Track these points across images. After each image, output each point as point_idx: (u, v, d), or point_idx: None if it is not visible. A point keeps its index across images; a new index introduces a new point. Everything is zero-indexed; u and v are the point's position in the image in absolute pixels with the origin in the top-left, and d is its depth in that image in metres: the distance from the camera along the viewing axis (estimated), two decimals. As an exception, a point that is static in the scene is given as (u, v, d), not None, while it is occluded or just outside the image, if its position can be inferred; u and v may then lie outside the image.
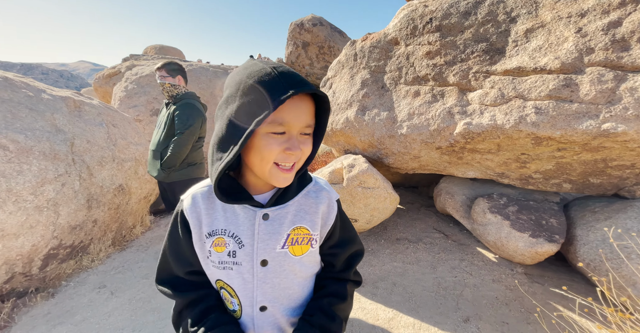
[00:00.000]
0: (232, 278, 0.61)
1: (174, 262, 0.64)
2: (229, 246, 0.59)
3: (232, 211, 0.60)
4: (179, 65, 2.24)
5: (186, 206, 0.61)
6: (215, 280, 0.64)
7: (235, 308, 0.63)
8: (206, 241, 0.60)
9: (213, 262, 0.61)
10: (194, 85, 5.88)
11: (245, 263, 0.60)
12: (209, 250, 0.60)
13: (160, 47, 14.59)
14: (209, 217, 0.60)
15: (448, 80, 2.33)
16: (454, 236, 2.74)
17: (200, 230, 0.60)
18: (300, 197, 0.64)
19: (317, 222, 0.64)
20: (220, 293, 0.65)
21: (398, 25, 2.76)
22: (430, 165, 2.71)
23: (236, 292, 0.61)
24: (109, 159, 2.58)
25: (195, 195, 0.62)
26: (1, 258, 1.78)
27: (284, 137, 0.51)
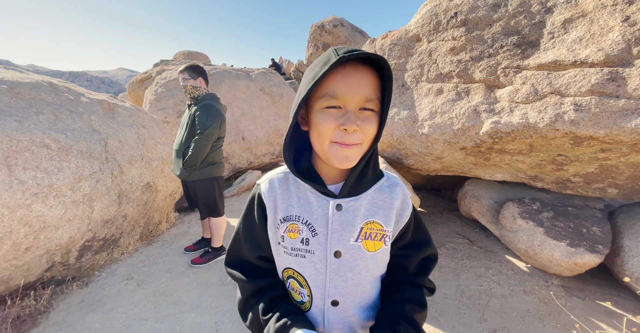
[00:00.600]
0: (304, 267, 0.58)
1: (246, 245, 0.63)
2: (302, 233, 0.57)
3: (306, 199, 0.59)
4: (200, 68, 2.33)
5: (264, 189, 0.61)
6: (284, 269, 0.62)
7: (304, 299, 0.60)
8: (280, 226, 0.59)
9: (285, 248, 0.59)
10: (217, 87, 6.10)
11: (318, 252, 0.57)
12: (282, 235, 0.59)
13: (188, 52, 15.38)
14: (285, 202, 0.59)
15: (474, 77, 2.20)
16: (480, 242, 2.58)
17: (275, 214, 0.60)
18: (373, 191, 0.61)
19: (391, 218, 0.60)
20: (287, 284, 0.62)
21: (420, 21, 2.66)
22: (454, 167, 2.57)
23: (307, 281, 0.59)
24: (138, 157, 2.74)
25: (272, 179, 0.62)
26: (43, 248, 1.94)
27: (340, 112, 0.49)
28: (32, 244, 1.87)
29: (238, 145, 5.90)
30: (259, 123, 6.32)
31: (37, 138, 1.87)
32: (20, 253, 1.83)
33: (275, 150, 6.48)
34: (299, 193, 0.60)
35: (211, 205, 2.41)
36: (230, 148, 5.78)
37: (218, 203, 2.44)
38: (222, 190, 2.51)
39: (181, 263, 2.55)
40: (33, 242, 1.87)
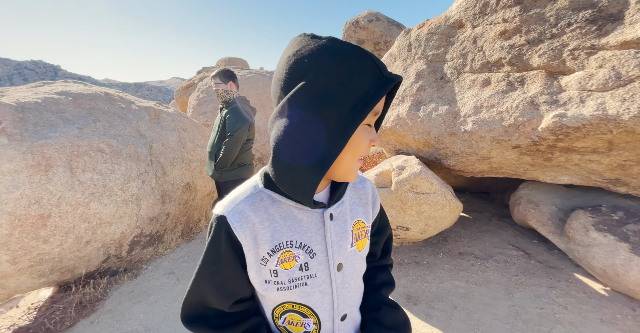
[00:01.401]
0: (308, 295, 0.52)
1: (215, 296, 0.50)
2: (298, 259, 0.50)
3: (293, 218, 0.50)
4: (231, 72, 2.38)
5: (234, 223, 0.47)
6: (277, 306, 0.53)
7: (309, 329, 0.54)
8: (268, 261, 0.49)
9: (280, 284, 0.49)
10: (252, 90, 6.34)
11: (320, 273, 0.52)
12: (273, 270, 0.49)
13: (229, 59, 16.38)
14: (268, 231, 0.49)
15: (530, 63, 1.88)
16: (539, 256, 2.21)
17: (257, 249, 0.48)
18: (349, 190, 0.59)
19: (369, 213, 0.61)
20: (282, 320, 0.54)
21: (464, 5, 2.38)
22: (505, 168, 2.25)
23: (314, 309, 0.53)
24: (179, 159, 2.93)
25: (239, 207, 0.48)
26: (100, 242, 2.17)
27: (370, 128, 0.46)
28: (91, 238, 2.10)
29: (272, 146, 6.06)
30: (292, 124, 6.43)
31: (94, 143, 2.09)
32: (82, 245, 2.07)
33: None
34: (283, 214, 0.50)
35: None
36: (264, 149, 5.95)
37: None
38: (253, 191, 2.55)
39: (216, 261, 2.66)
40: (92, 236, 2.10)
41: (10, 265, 1.73)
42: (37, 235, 1.80)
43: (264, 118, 6.17)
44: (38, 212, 1.78)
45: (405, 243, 2.59)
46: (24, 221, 1.73)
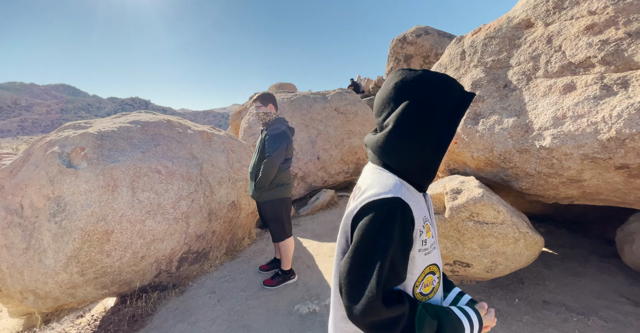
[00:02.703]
0: (435, 256, 0.66)
1: (403, 267, 0.58)
2: (432, 229, 0.65)
3: (419, 201, 0.63)
4: (270, 95, 2.45)
5: (409, 201, 0.58)
6: (424, 269, 0.63)
7: (434, 285, 0.66)
8: (422, 231, 0.61)
9: (427, 249, 0.62)
10: (297, 111, 6.57)
11: (435, 237, 0.67)
12: (424, 240, 0.61)
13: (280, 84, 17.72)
14: (416, 207, 0.60)
15: (636, 61, 1.46)
16: (673, 318, 1.59)
17: (418, 222, 0.60)
18: None
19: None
20: (420, 287, 0.63)
21: (532, 2, 2.06)
22: (605, 194, 1.74)
23: (438, 266, 0.67)
24: (226, 179, 3.07)
25: (402, 190, 0.59)
26: (153, 257, 2.32)
27: None
28: (145, 253, 2.26)
29: (313, 164, 6.07)
30: (333, 142, 6.38)
31: (153, 165, 2.31)
32: (137, 260, 2.23)
33: (349, 169, 6.35)
34: (415, 197, 0.63)
35: (279, 226, 2.40)
36: (307, 167, 5.99)
37: (285, 225, 2.41)
38: (289, 211, 2.48)
39: (255, 283, 2.60)
40: (146, 252, 2.26)
41: (79, 276, 1.93)
42: (101, 249, 1.99)
43: (306, 137, 6.29)
44: (104, 228, 1.98)
45: (465, 282, 2.16)
46: (92, 236, 1.94)
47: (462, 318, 0.62)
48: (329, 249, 3.23)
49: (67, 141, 2.21)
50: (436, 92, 0.59)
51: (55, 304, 2.09)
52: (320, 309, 2.14)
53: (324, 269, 2.79)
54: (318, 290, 2.42)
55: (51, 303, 2.07)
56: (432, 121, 0.58)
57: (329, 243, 3.42)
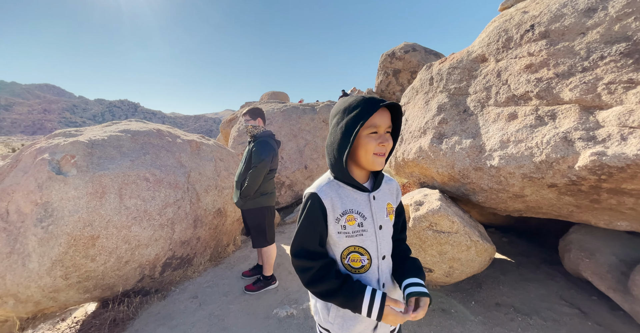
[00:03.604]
0: (363, 241, 0.86)
1: (310, 237, 0.85)
2: (357, 220, 0.85)
3: (350, 196, 0.86)
4: (259, 110, 2.64)
5: (321, 195, 0.84)
6: (346, 248, 0.86)
7: (364, 263, 0.87)
8: (340, 218, 0.84)
9: (347, 233, 0.84)
10: (286, 122, 6.79)
11: (370, 229, 0.86)
12: (343, 225, 0.84)
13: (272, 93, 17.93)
14: (338, 202, 0.84)
15: (561, 97, 1.77)
16: (599, 316, 1.84)
17: (334, 211, 0.84)
18: (384, 183, 0.93)
19: (394, 200, 0.96)
20: (346, 260, 0.86)
21: (486, 40, 2.38)
22: (545, 208, 2.01)
23: (367, 249, 0.86)
24: (213, 187, 3.20)
25: (322, 188, 0.85)
26: (137, 262, 2.40)
27: (377, 135, 0.80)
28: (130, 258, 2.34)
29: (301, 173, 6.24)
30: (320, 152, 6.60)
31: (141, 173, 2.43)
32: (121, 265, 2.31)
33: (336, 178, 6.57)
34: (345, 194, 0.86)
35: (261, 233, 2.54)
36: (294, 176, 6.16)
37: (267, 232, 2.56)
38: (272, 219, 2.63)
39: (237, 288, 2.71)
40: (130, 257, 2.34)
41: (62, 280, 2.00)
42: (86, 254, 2.08)
43: (295, 146, 6.49)
44: (90, 233, 2.07)
45: (431, 286, 2.37)
46: (78, 241, 2.02)
47: (366, 293, 0.80)
48: (310, 256, 3.38)
49: (58, 148, 2.30)
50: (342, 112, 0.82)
51: (36, 308, 2.13)
52: (297, 312, 2.27)
53: (304, 275, 2.93)
54: (297, 295, 2.55)
55: (31, 307, 2.11)
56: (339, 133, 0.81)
57: None
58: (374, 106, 0.76)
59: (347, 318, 0.86)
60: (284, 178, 6.04)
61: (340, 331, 0.86)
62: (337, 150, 0.81)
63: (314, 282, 0.83)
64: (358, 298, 0.80)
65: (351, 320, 0.85)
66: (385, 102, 0.78)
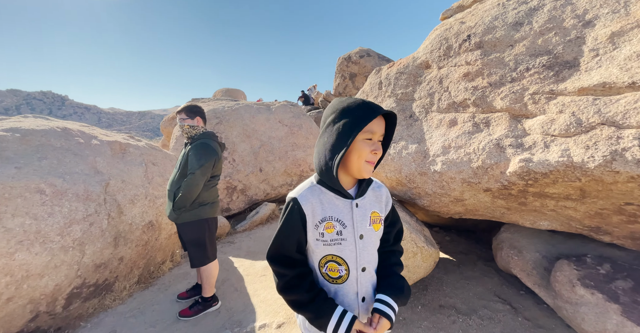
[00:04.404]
0: (342, 251, 0.82)
1: (287, 243, 0.82)
2: (336, 227, 0.81)
3: (332, 203, 0.82)
4: (198, 108, 2.31)
5: (302, 200, 0.80)
6: (323, 256, 0.82)
7: (342, 274, 0.83)
8: (319, 225, 0.80)
9: (325, 241, 0.80)
10: (237, 121, 6.35)
11: (349, 238, 0.82)
12: (321, 232, 0.80)
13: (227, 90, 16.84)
14: (319, 208, 0.81)
15: (494, 105, 1.85)
16: (527, 311, 1.97)
17: (314, 218, 0.80)
18: (370, 190, 0.89)
19: (382, 208, 0.91)
20: (324, 268, 0.83)
21: (429, 47, 2.43)
22: (481, 211, 2.11)
23: (345, 259, 0.82)
24: (142, 196, 2.74)
25: (304, 193, 0.82)
26: (26, 298, 1.88)
27: (371, 142, 0.78)
28: (14, 294, 1.82)
29: (255, 176, 5.90)
30: (277, 154, 6.33)
31: (32, 184, 1.91)
32: (1, 304, 1.78)
33: (292, 181, 6.34)
34: (327, 200, 0.82)
35: (200, 250, 2.22)
36: (248, 180, 5.79)
37: (208, 248, 2.25)
38: (213, 232, 2.33)
39: (169, 315, 2.33)
40: (15, 292, 1.82)
41: None
42: (-63, 296, 1.53)
43: (248, 148, 6.11)
44: (-57, 268, 1.53)
45: (381, 293, 2.33)
46: None
47: (334, 314, 0.78)
48: (262, 268, 3.12)
49: None
50: (340, 113, 0.77)
51: None
52: (239, 337, 2.02)
53: (253, 291, 2.67)
54: (241, 316, 2.29)
55: None
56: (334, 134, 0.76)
57: (262, 261, 3.31)
58: (375, 112, 0.74)
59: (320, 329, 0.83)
60: (236, 183, 5.63)
61: None
62: (331, 150, 0.77)
63: (286, 290, 0.82)
64: (325, 317, 0.78)
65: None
66: (385, 109, 0.76)
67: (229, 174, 5.58)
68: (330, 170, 0.77)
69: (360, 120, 0.73)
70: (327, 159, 0.77)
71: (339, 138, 0.75)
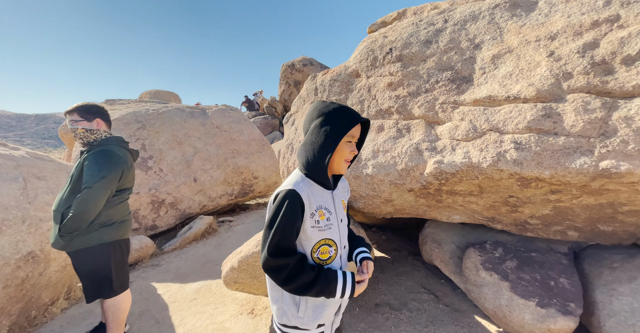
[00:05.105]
0: (332, 234, 0.97)
1: (289, 232, 0.88)
2: (326, 214, 0.95)
3: (319, 194, 0.95)
4: (98, 107, 1.93)
5: (300, 191, 0.89)
6: (318, 241, 0.94)
7: (331, 254, 0.97)
8: (315, 214, 0.92)
9: (319, 227, 0.93)
10: (166, 125, 5.66)
11: (335, 222, 0.99)
12: (317, 220, 0.93)
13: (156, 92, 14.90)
14: (313, 198, 0.92)
15: (413, 113, 2.04)
16: (446, 298, 2.21)
17: (310, 207, 0.91)
18: (339, 183, 1.08)
19: (346, 196, 1.13)
20: (317, 253, 0.94)
21: (358, 57, 2.58)
22: (408, 209, 2.29)
23: (335, 241, 0.98)
24: (17, 220, 2.12)
25: (298, 184, 0.91)
26: None
27: (351, 145, 0.95)
28: None
29: (189, 187, 5.31)
30: (214, 162, 5.84)
31: None
32: None
33: (234, 191, 5.93)
34: (316, 191, 0.95)
35: (102, 282, 1.82)
36: (179, 191, 5.15)
37: (114, 278, 1.85)
38: (124, 258, 1.95)
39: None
40: None
41: None
42: None
43: (179, 156, 5.47)
44: None
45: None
46: None
47: (339, 275, 0.91)
48: (193, 291, 2.76)
49: None
50: (326, 117, 0.90)
51: None
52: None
53: (179, 319, 2.32)
54: (162, 351, 1.95)
55: None
56: (322, 136, 0.88)
57: (194, 284, 2.93)
58: (357, 119, 0.91)
59: (315, 308, 0.94)
60: (164, 196, 4.96)
61: (310, 322, 0.94)
62: (319, 151, 0.89)
63: (290, 279, 0.87)
64: (332, 284, 0.89)
65: (319, 308, 0.95)
66: (363, 117, 0.94)
67: (154, 186, 4.89)
68: (322, 167, 0.90)
69: (345, 126, 0.88)
70: (317, 158, 0.90)
71: (327, 140, 0.88)
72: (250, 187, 6.18)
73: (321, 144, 0.89)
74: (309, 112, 0.96)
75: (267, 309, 2.37)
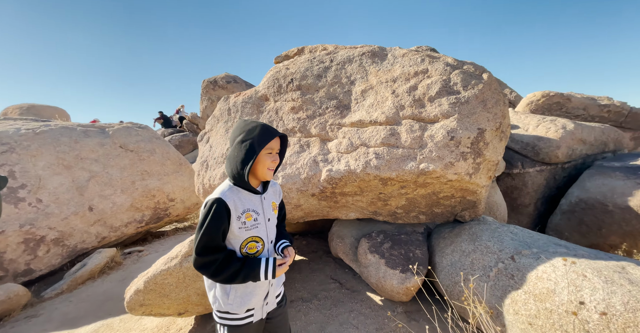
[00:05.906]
0: (259, 231, 1.16)
1: (215, 234, 1.05)
2: (253, 216, 1.14)
3: (247, 199, 1.14)
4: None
5: (225, 199, 1.07)
6: (246, 238, 1.13)
7: (258, 249, 1.17)
8: (241, 216, 1.10)
9: (246, 227, 1.11)
10: (49, 147, 4.75)
11: (262, 222, 1.17)
12: (243, 221, 1.11)
13: (30, 106, 11.89)
14: (239, 203, 1.10)
15: (311, 132, 2.51)
16: (348, 283, 2.65)
17: (236, 211, 1.09)
18: (270, 187, 1.26)
19: (277, 199, 1.31)
20: (245, 249, 1.13)
21: (266, 84, 2.96)
22: (315, 212, 2.69)
23: (261, 237, 1.17)
24: None
25: (225, 193, 1.09)
26: None
27: (272, 155, 1.13)
28: None
29: (81, 218, 4.51)
30: (118, 186, 5.15)
31: None
32: None
33: (144, 217, 5.30)
34: (243, 197, 1.13)
35: None
36: (66, 224, 4.31)
37: None
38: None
39: None
40: None
41: None
42: None
43: (67, 182, 4.63)
44: None
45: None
46: None
47: (262, 261, 1.10)
48: (86, 333, 2.40)
49: None
50: (246, 133, 1.08)
51: None
52: None
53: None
54: None
55: None
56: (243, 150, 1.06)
57: (89, 326, 2.58)
58: (273, 134, 1.10)
59: (244, 296, 1.11)
60: (43, 231, 4.08)
61: (239, 307, 1.10)
62: (241, 163, 1.07)
63: (219, 271, 1.04)
64: (256, 269, 1.07)
65: (247, 296, 1.11)
66: (280, 132, 1.14)
67: (29, 221, 4.01)
68: (242, 176, 1.07)
69: (262, 141, 1.06)
70: (239, 169, 1.07)
71: (247, 153, 1.05)
72: (166, 211, 5.65)
73: (242, 158, 1.05)
74: (233, 130, 1.15)
75: (181, 330, 2.31)
